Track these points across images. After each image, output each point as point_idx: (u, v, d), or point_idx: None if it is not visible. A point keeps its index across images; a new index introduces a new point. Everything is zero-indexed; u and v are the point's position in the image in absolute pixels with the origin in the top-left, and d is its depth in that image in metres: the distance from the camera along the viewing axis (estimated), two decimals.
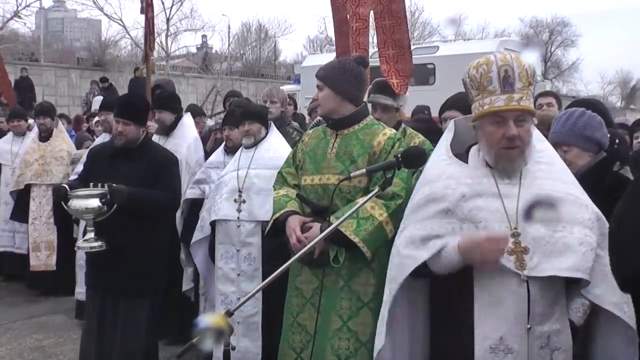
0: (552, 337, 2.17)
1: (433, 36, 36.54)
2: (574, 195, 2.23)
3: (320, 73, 3.26)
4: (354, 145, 3.20)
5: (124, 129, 4.00)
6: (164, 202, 4.02)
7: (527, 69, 2.20)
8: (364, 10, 4.69)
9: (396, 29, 4.58)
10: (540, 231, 2.15)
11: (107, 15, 28.25)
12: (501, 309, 2.14)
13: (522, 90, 2.18)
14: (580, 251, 2.13)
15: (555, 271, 2.11)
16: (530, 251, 2.13)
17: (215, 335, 1.84)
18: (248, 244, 4.14)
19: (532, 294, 2.12)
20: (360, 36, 4.72)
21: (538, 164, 2.27)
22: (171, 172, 4.12)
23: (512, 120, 2.18)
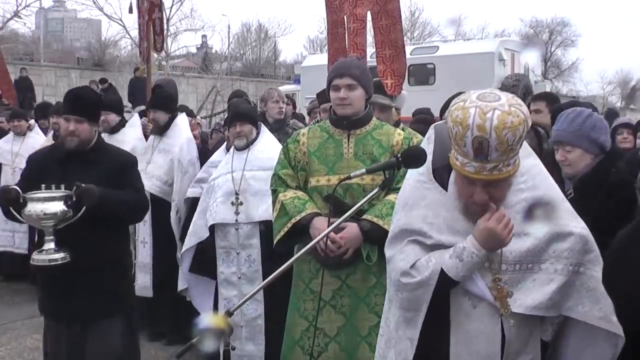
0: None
1: (433, 36, 36.55)
2: (559, 224, 2.13)
3: (355, 72, 3.19)
4: (372, 145, 3.21)
5: (77, 128, 3.40)
6: (135, 203, 3.54)
7: (510, 138, 1.94)
8: (362, 10, 4.69)
9: (392, 29, 4.59)
10: (516, 273, 2.09)
11: (107, 15, 28.30)
12: (476, 345, 2.12)
13: (498, 159, 1.99)
14: (549, 289, 2.09)
15: (522, 309, 2.08)
16: (514, 295, 2.09)
17: (215, 335, 1.84)
18: (247, 245, 4.14)
19: (506, 334, 2.10)
20: (358, 37, 4.73)
21: (520, 192, 2.13)
22: (134, 173, 3.63)
23: (482, 186, 2.03)
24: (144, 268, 5.21)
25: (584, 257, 2.15)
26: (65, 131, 3.45)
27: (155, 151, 5.28)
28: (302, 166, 3.30)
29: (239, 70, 34.31)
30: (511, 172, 2.03)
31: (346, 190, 3.15)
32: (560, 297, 2.13)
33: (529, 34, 41.07)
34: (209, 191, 4.40)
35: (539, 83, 17.32)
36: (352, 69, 3.21)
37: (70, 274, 3.27)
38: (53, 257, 3.24)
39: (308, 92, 14.17)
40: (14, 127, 7.47)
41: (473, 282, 2.12)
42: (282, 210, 3.23)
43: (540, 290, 2.10)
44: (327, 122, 3.40)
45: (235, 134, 4.31)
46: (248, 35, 40.07)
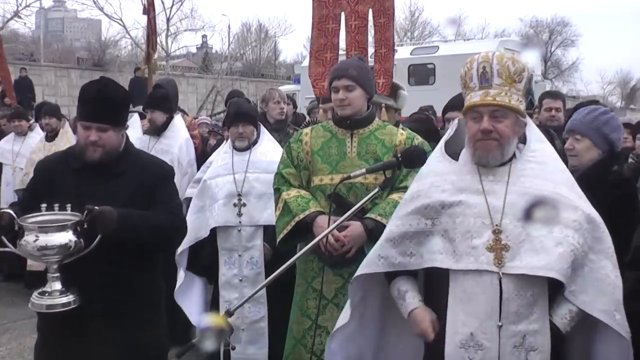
0: (528, 337, 2.15)
1: (433, 36, 36.53)
2: (562, 195, 2.22)
3: (352, 73, 3.20)
4: (375, 144, 3.23)
5: (100, 137, 2.68)
6: (168, 226, 2.72)
7: (511, 66, 2.22)
8: (363, 8, 4.64)
9: (387, 27, 4.56)
10: (519, 229, 2.16)
11: (107, 15, 28.30)
12: (473, 305, 2.17)
13: (500, 87, 2.21)
14: (556, 252, 2.13)
15: (526, 270, 2.12)
16: (510, 249, 2.15)
17: (216, 335, 1.84)
18: (250, 247, 4.12)
19: (504, 291, 2.13)
20: (359, 34, 4.68)
21: (528, 162, 2.28)
22: (169, 189, 2.87)
23: (488, 115, 2.22)
24: None
25: (596, 244, 2.18)
26: (85, 140, 2.71)
27: (152, 151, 5.26)
28: (305, 165, 3.31)
29: (239, 70, 34.30)
30: (513, 106, 2.21)
31: (349, 189, 3.16)
32: (571, 270, 2.13)
33: (529, 34, 41.07)
34: (203, 190, 4.35)
35: (539, 83, 17.29)
36: (350, 70, 3.22)
37: (80, 322, 2.55)
38: (59, 302, 2.51)
39: (308, 92, 14.13)
40: (15, 127, 7.50)
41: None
42: (286, 209, 3.23)
43: (548, 252, 2.12)
44: (330, 121, 3.41)
45: (237, 134, 4.27)
46: (248, 35, 40.06)
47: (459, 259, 2.21)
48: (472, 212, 2.23)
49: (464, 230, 2.22)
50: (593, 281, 2.16)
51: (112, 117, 2.73)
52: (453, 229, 2.24)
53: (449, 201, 2.27)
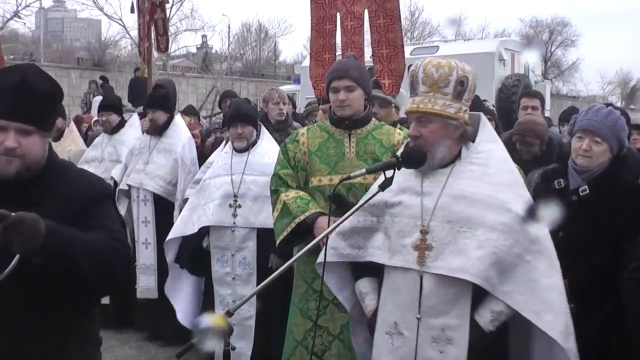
0: (447, 331, 2.29)
1: (433, 36, 36.50)
2: (494, 197, 2.27)
3: (353, 74, 3.21)
4: (373, 144, 3.24)
5: (20, 144, 1.91)
6: (109, 250, 1.90)
7: (434, 73, 2.34)
8: (359, 8, 4.66)
9: (390, 28, 4.57)
10: (445, 232, 2.28)
11: (107, 15, 28.26)
12: (398, 297, 2.36)
13: (425, 94, 2.36)
14: (475, 254, 2.22)
15: (444, 270, 2.26)
16: (433, 249, 2.29)
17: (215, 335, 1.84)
18: (243, 248, 4.15)
19: (424, 288, 2.29)
20: (356, 35, 4.70)
21: (470, 164, 2.36)
22: (107, 211, 2.09)
23: (415, 122, 2.37)
24: (146, 270, 5.20)
25: (531, 245, 2.26)
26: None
27: (154, 151, 5.27)
28: (303, 166, 3.30)
29: (239, 70, 34.30)
30: (436, 111, 2.33)
31: (349, 190, 3.16)
32: (495, 273, 2.22)
33: (529, 34, 41.07)
34: (201, 189, 4.37)
35: (539, 83, 17.28)
36: (351, 71, 3.22)
37: None
38: None
39: (308, 92, 14.13)
40: None
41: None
42: (285, 210, 3.22)
43: (467, 254, 2.24)
44: (326, 121, 3.40)
45: (236, 135, 4.28)
46: (248, 35, 40.05)
47: (392, 256, 2.38)
48: (408, 213, 2.39)
49: (399, 229, 2.39)
50: (526, 282, 2.23)
51: (38, 116, 1.94)
52: (391, 227, 2.41)
53: (391, 201, 2.43)
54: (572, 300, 2.81)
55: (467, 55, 15.83)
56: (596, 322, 2.82)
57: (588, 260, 2.83)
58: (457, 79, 2.34)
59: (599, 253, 2.83)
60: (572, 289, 2.83)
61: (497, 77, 15.43)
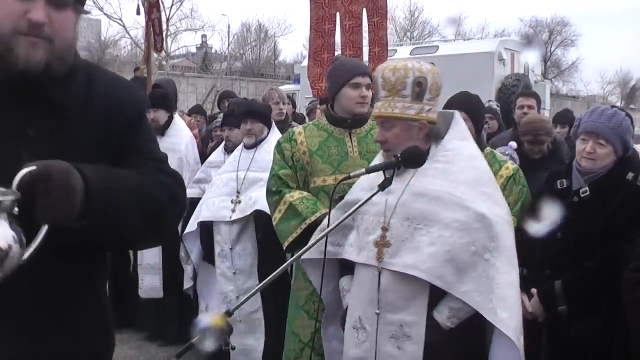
0: (405, 327, 2.33)
1: (433, 36, 36.50)
2: (453, 195, 2.30)
3: (371, 73, 3.24)
4: (374, 144, 3.22)
5: (52, 19, 1.37)
6: (167, 197, 1.52)
7: (391, 77, 2.39)
8: (357, 8, 4.66)
9: (381, 26, 4.58)
10: (404, 229, 2.33)
11: (107, 15, 28.27)
12: (361, 292, 2.42)
13: (385, 98, 2.42)
14: (427, 251, 2.26)
15: (399, 267, 2.31)
16: (392, 246, 2.34)
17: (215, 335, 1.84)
18: (241, 240, 4.14)
19: (382, 284, 2.34)
20: (354, 34, 4.70)
21: (436, 162, 2.40)
22: (148, 132, 1.69)
23: (380, 127, 2.45)
24: (151, 269, 5.18)
25: (490, 243, 2.27)
26: (16, 21, 1.34)
27: None
28: (303, 166, 3.27)
29: (239, 70, 34.32)
30: (396, 115, 2.38)
31: None
32: (451, 271, 2.25)
33: (529, 34, 41.06)
34: (212, 186, 4.42)
35: (539, 83, 17.29)
36: (369, 70, 3.31)
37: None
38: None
39: (308, 92, 14.13)
40: None
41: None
42: (292, 212, 3.17)
43: (420, 251, 2.29)
44: (322, 120, 3.38)
45: (245, 131, 4.30)
46: (248, 35, 40.05)
47: (359, 253, 2.45)
48: (374, 211, 2.44)
49: (366, 226, 2.45)
50: (485, 280, 2.25)
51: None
52: (361, 225, 2.48)
53: (362, 199, 2.44)
54: (565, 302, 2.82)
55: (467, 55, 15.85)
56: (594, 324, 2.80)
57: (585, 262, 2.82)
58: (414, 80, 2.38)
59: (596, 255, 2.81)
60: (567, 290, 2.84)
61: (497, 77, 15.44)
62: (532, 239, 2.92)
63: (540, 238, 2.89)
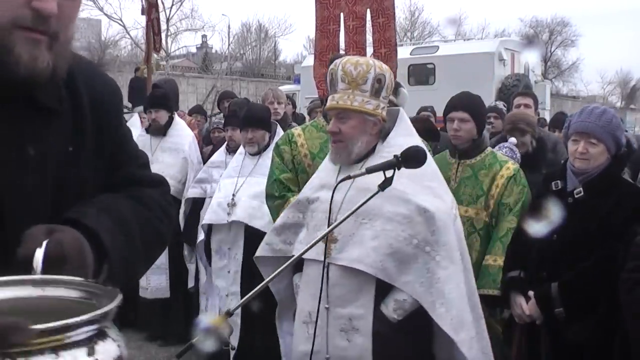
0: (353, 320, 2.38)
1: (433, 36, 36.49)
2: (397, 190, 2.32)
3: None
4: None
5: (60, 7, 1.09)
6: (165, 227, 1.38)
7: (353, 70, 2.41)
8: (361, 8, 4.66)
9: (387, 27, 4.58)
10: (350, 224, 2.36)
11: (107, 15, 28.31)
12: (311, 288, 2.47)
13: (344, 91, 2.43)
14: (370, 245, 2.33)
15: (345, 262, 2.37)
16: (339, 241, 2.39)
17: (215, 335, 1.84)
18: (235, 245, 4.16)
19: (330, 278, 2.40)
20: (358, 35, 4.70)
21: (381, 158, 2.42)
22: (128, 129, 1.46)
23: (335, 118, 2.46)
24: (157, 269, 5.16)
25: (431, 236, 2.34)
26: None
27: (157, 150, 5.27)
28: (304, 168, 3.24)
29: (239, 70, 34.30)
30: (355, 107, 2.41)
31: None
32: (393, 264, 2.32)
33: (529, 34, 41.04)
34: (217, 189, 4.43)
35: (539, 83, 17.28)
36: None
37: None
38: None
39: (308, 92, 14.15)
40: None
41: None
42: None
43: (363, 245, 2.35)
44: (320, 120, 3.36)
45: (246, 139, 4.25)
46: (248, 35, 40.03)
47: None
48: (322, 207, 2.48)
49: (314, 223, 2.49)
50: (425, 272, 2.32)
51: None
52: (310, 222, 2.52)
53: (311, 197, 2.55)
54: (562, 304, 2.81)
55: (467, 55, 15.86)
56: (591, 325, 2.79)
57: (581, 263, 2.81)
58: (375, 76, 2.42)
59: (593, 255, 2.80)
60: (564, 292, 2.83)
61: (497, 77, 15.44)
62: (530, 239, 2.92)
63: (536, 239, 2.88)
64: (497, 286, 3.19)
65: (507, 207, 3.39)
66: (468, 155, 3.55)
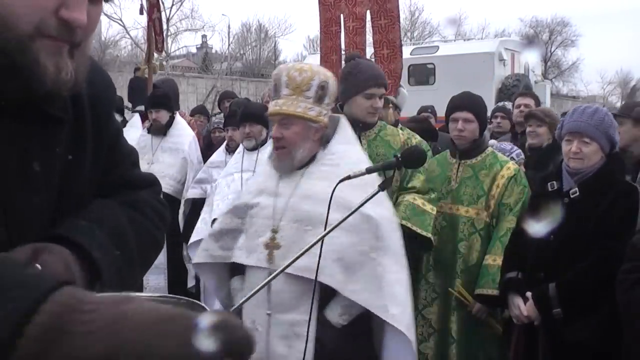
0: (295, 326, 2.36)
1: (433, 36, 36.50)
2: (341, 197, 2.29)
3: (385, 82, 3.35)
4: (382, 146, 3.28)
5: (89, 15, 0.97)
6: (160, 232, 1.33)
7: (297, 77, 2.42)
8: (361, 9, 4.68)
9: (390, 29, 4.59)
10: (293, 231, 2.38)
11: (107, 16, 28.26)
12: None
13: (288, 97, 2.43)
14: (314, 252, 2.26)
15: (290, 269, 2.30)
16: (282, 247, 2.39)
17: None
18: None
19: (273, 285, 2.34)
20: (358, 36, 4.72)
21: (322, 165, 2.45)
22: (118, 124, 1.39)
23: (277, 124, 2.45)
24: (156, 269, 5.16)
25: (376, 242, 2.35)
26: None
27: (158, 150, 5.27)
28: None
29: (239, 70, 34.31)
30: (298, 113, 2.41)
31: None
32: (340, 270, 2.31)
33: (529, 34, 41.04)
34: (214, 190, 4.41)
35: (539, 83, 17.30)
36: (386, 80, 3.36)
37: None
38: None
39: None
40: None
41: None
42: None
43: (309, 252, 2.28)
44: None
45: (244, 134, 4.31)
46: (248, 35, 40.05)
47: (249, 255, 2.47)
48: (263, 213, 2.47)
49: (255, 229, 2.48)
50: (373, 278, 2.31)
51: None
52: (250, 228, 2.51)
53: (250, 203, 2.53)
54: (559, 305, 2.81)
55: (467, 55, 15.87)
56: (589, 325, 2.79)
57: (579, 263, 2.81)
58: (319, 83, 2.42)
59: (590, 255, 2.80)
60: (561, 292, 2.83)
61: (497, 77, 15.46)
62: (527, 240, 2.92)
63: (533, 240, 2.88)
64: (496, 286, 3.20)
65: (508, 207, 3.40)
66: (468, 155, 3.55)
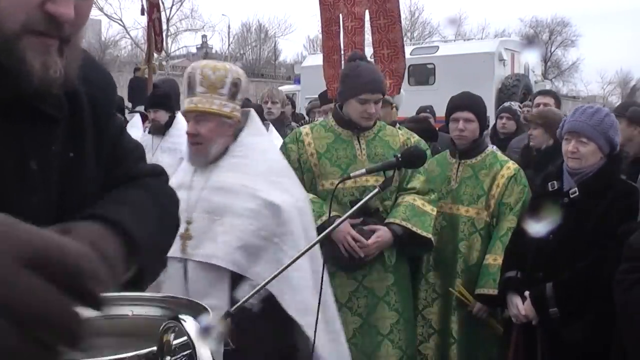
0: (213, 311, 2.34)
1: (433, 36, 36.53)
2: (244, 185, 2.45)
3: (383, 87, 3.34)
4: (382, 146, 3.25)
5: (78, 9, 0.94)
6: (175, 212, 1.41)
7: (211, 75, 2.48)
8: (360, 9, 4.68)
9: (390, 28, 4.58)
10: (205, 221, 2.46)
11: (107, 15, 28.34)
12: (171, 284, 2.50)
13: (202, 94, 2.49)
14: (221, 240, 2.42)
15: (200, 257, 2.46)
16: (194, 238, 2.47)
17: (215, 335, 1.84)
18: None
19: (189, 274, 2.47)
20: (356, 35, 4.72)
21: (232, 157, 2.52)
22: (122, 121, 1.46)
23: (193, 120, 2.51)
24: None
25: (278, 228, 2.44)
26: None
27: (157, 150, 5.27)
28: (309, 167, 3.24)
29: None
30: (213, 110, 2.47)
31: (362, 192, 3.13)
32: (244, 256, 2.41)
33: (529, 34, 41.06)
34: None
35: (539, 83, 17.29)
36: (382, 84, 3.32)
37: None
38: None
39: (308, 92, 14.17)
40: None
41: None
42: None
43: (215, 240, 2.44)
44: (330, 121, 3.36)
45: None
46: (248, 35, 40.09)
47: None
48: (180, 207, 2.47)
49: None
50: (274, 262, 2.38)
51: None
52: None
53: None
54: (556, 304, 2.81)
55: (467, 55, 15.86)
56: (585, 325, 2.78)
57: (577, 263, 2.80)
58: (232, 80, 2.49)
59: (588, 255, 2.79)
60: (558, 292, 2.83)
61: (497, 77, 15.46)
62: (527, 240, 2.92)
63: (533, 240, 2.88)
64: (497, 285, 3.20)
65: (508, 207, 3.40)
66: (468, 155, 3.55)
